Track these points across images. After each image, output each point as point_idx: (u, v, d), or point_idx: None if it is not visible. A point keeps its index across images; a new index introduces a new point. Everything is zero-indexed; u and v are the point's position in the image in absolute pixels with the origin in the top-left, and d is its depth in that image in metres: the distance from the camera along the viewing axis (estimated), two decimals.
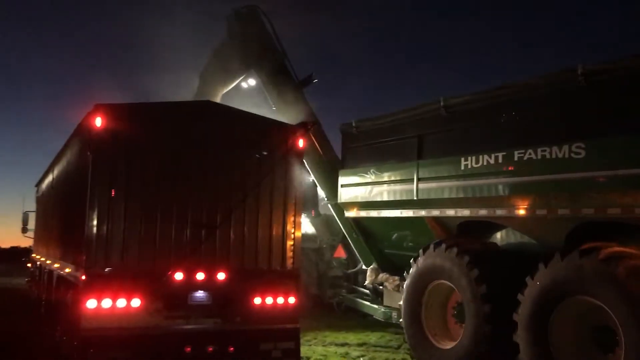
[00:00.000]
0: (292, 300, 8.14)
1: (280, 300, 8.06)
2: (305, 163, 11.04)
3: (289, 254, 8.26)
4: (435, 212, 9.17)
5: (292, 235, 8.30)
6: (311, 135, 11.63)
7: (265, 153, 8.12)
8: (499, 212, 8.10)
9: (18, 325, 12.54)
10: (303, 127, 8.72)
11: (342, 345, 10.73)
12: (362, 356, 9.88)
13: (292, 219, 8.31)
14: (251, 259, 8.02)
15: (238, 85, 14.52)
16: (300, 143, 8.48)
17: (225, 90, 14.38)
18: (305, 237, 11.15)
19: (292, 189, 8.35)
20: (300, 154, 8.52)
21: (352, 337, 11.52)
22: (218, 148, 7.94)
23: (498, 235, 8.88)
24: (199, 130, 7.88)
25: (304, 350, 9.16)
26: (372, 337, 11.52)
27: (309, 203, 13.84)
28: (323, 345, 10.65)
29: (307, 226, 13.84)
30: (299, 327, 8.24)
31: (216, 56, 14.59)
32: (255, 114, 9.23)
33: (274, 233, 8.18)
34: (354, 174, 11.03)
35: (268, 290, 8.00)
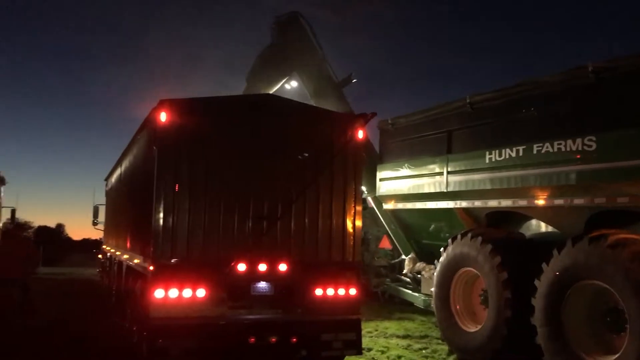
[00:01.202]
0: (353, 291, 8.08)
1: (341, 291, 8.01)
2: None
3: (350, 245, 8.21)
4: (464, 204, 9.83)
5: (353, 227, 8.24)
6: None
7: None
8: (521, 202, 8.71)
9: (90, 314, 13.32)
10: (363, 118, 8.53)
11: (404, 337, 10.92)
12: (424, 349, 10.02)
13: (352, 210, 8.24)
14: (312, 251, 8.02)
15: (281, 87, 15.55)
16: (360, 134, 8.39)
17: (269, 92, 15.37)
18: None
19: (352, 179, 8.29)
20: (359, 145, 8.43)
21: (395, 326, 12.01)
22: (279, 140, 7.97)
23: (525, 225, 9.42)
24: (260, 123, 7.94)
25: (365, 342, 9.19)
26: (420, 327, 11.90)
27: None
28: (385, 337, 10.84)
29: None
30: (360, 319, 8.20)
31: (261, 60, 15.67)
32: (314, 106, 9.43)
33: (334, 224, 8.13)
34: (391, 168, 11.79)
35: (329, 282, 7.97)
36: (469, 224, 9.92)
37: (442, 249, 9.99)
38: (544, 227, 9.09)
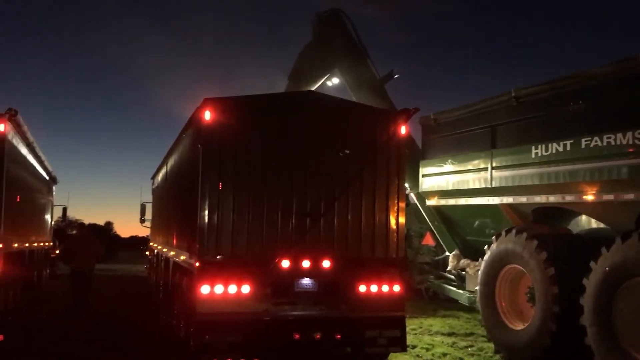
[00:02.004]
0: (397, 288, 8.04)
1: (385, 288, 7.97)
2: None
3: (393, 241, 8.15)
4: (509, 199, 9.64)
5: (396, 223, 8.18)
6: None
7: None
8: (569, 197, 8.49)
9: (138, 309, 13.66)
10: (405, 114, 8.45)
11: (449, 334, 10.81)
12: (470, 347, 9.90)
13: (395, 206, 8.18)
14: (355, 247, 8.01)
15: (323, 84, 15.58)
16: (403, 130, 8.34)
17: (311, 89, 15.43)
18: None
19: (395, 176, 8.23)
20: (402, 140, 8.38)
21: (440, 324, 11.94)
22: (321, 137, 7.99)
23: (573, 221, 9.23)
24: (302, 120, 7.98)
25: (409, 339, 9.16)
26: (465, 325, 11.78)
27: None
28: (429, 335, 10.77)
29: None
30: (404, 315, 8.16)
31: (303, 58, 15.74)
32: (356, 102, 9.36)
33: (377, 221, 8.09)
34: (433, 164, 11.68)
35: (372, 278, 7.95)
36: (514, 220, 9.73)
37: (486, 247, 9.83)
38: (592, 223, 8.87)
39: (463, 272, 11.67)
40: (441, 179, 11.38)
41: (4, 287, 10.13)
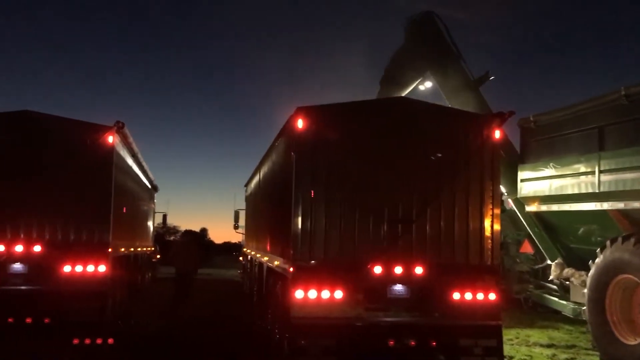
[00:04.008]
0: (492, 296, 7.87)
1: (480, 296, 7.84)
2: None
3: (488, 248, 8.00)
4: (620, 205, 9.07)
5: (491, 230, 8.03)
6: None
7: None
8: None
9: (234, 313, 14.10)
10: (499, 117, 8.28)
11: (548, 346, 10.46)
12: (572, 359, 9.56)
13: (490, 212, 8.05)
14: (448, 254, 7.92)
15: (415, 88, 15.40)
16: (497, 134, 8.19)
17: (403, 94, 15.27)
18: None
19: (489, 181, 8.10)
20: (497, 145, 8.25)
21: (538, 335, 11.43)
22: (413, 143, 7.99)
23: None
24: (393, 126, 8.00)
25: (506, 349, 9.00)
26: (565, 337, 11.30)
27: None
28: (527, 345, 10.47)
29: None
30: (501, 325, 7.98)
31: (395, 62, 15.64)
32: (448, 107, 9.18)
33: (471, 227, 7.99)
34: (534, 168, 11.21)
35: (467, 286, 7.84)
36: (625, 227, 9.14)
37: (598, 250, 9.27)
38: None
39: (567, 282, 11.10)
40: (542, 183, 10.90)
41: (112, 290, 10.78)
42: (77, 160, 10.10)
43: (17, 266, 9.89)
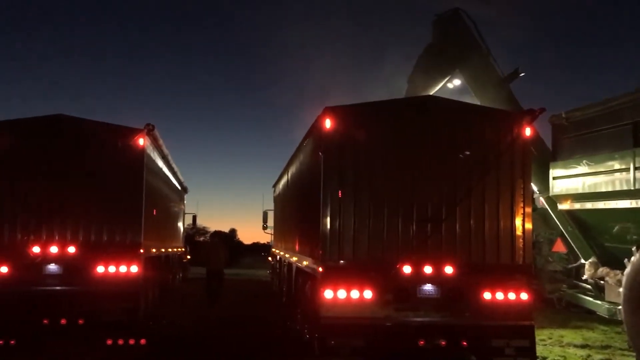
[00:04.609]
0: (524, 296, 7.80)
1: (511, 295, 7.76)
2: None
3: (519, 247, 7.92)
4: None
5: (522, 228, 7.95)
6: None
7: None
8: None
9: (263, 313, 14.11)
10: (530, 114, 8.16)
11: (582, 347, 10.27)
12: None
13: (521, 211, 7.96)
14: (479, 253, 7.86)
15: (444, 86, 15.26)
16: (527, 131, 8.09)
17: (432, 92, 15.14)
18: None
19: (520, 179, 8.01)
20: (528, 142, 8.14)
21: (572, 335, 11.26)
22: (441, 142, 7.95)
23: None
24: (421, 125, 7.97)
25: (539, 350, 8.86)
26: (600, 337, 11.09)
27: None
28: (560, 346, 10.31)
29: None
30: (533, 325, 7.90)
31: (422, 60, 15.53)
32: (477, 105, 9.08)
33: (502, 226, 7.91)
34: (566, 165, 11.04)
35: (498, 286, 7.77)
36: None
37: (634, 248, 9.08)
38: None
39: (601, 281, 10.87)
40: (575, 181, 10.71)
41: (144, 289, 10.95)
42: (109, 162, 10.32)
43: (52, 267, 10.11)
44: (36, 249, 9.99)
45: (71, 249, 10.08)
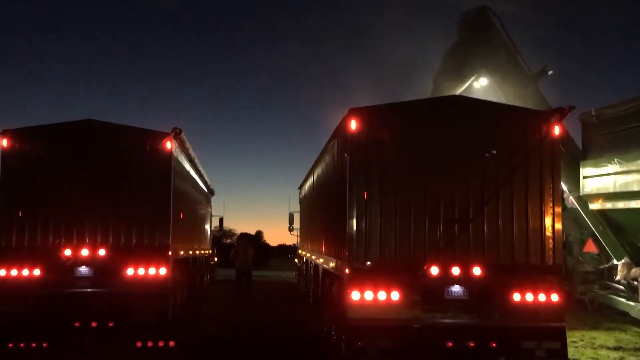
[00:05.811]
0: (554, 297, 7.70)
1: (541, 297, 7.67)
2: None
3: (549, 248, 7.82)
4: None
5: (552, 229, 7.85)
6: None
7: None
8: None
9: (290, 315, 14.08)
10: (558, 112, 8.04)
11: (615, 349, 10.10)
12: None
13: (550, 210, 7.86)
14: (507, 254, 7.77)
15: (470, 85, 15.16)
16: (556, 130, 7.97)
17: (458, 92, 15.04)
18: None
19: (549, 179, 7.91)
20: (557, 141, 8.03)
21: (604, 337, 11.03)
22: (468, 141, 7.90)
23: None
24: (448, 125, 7.93)
25: (571, 352, 8.78)
26: (634, 339, 10.82)
27: None
28: (592, 348, 10.16)
29: None
30: (564, 327, 7.78)
31: (448, 59, 15.46)
32: (504, 104, 8.95)
33: (531, 226, 7.82)
34: (597, 164, 10.88)
35: (527, 287, 7.68)
36: None
37: None
38: None
39: (635, 282, 10.65)
40: (607, 180, 10.55)
41: (172, 291, 11.07)
42: (138, 166, 10.50)
43: (83, 269, 10.31)
44: (68, 252, 10.19)
45: (101, 252, 10.27)
